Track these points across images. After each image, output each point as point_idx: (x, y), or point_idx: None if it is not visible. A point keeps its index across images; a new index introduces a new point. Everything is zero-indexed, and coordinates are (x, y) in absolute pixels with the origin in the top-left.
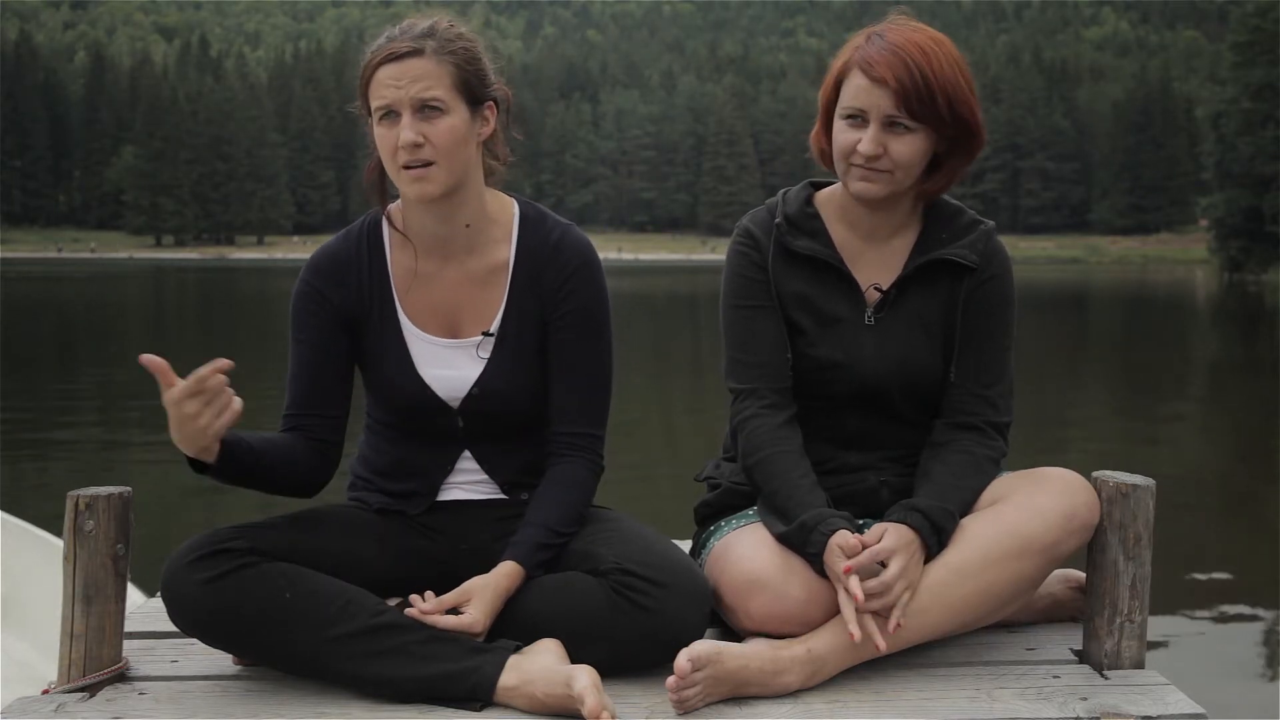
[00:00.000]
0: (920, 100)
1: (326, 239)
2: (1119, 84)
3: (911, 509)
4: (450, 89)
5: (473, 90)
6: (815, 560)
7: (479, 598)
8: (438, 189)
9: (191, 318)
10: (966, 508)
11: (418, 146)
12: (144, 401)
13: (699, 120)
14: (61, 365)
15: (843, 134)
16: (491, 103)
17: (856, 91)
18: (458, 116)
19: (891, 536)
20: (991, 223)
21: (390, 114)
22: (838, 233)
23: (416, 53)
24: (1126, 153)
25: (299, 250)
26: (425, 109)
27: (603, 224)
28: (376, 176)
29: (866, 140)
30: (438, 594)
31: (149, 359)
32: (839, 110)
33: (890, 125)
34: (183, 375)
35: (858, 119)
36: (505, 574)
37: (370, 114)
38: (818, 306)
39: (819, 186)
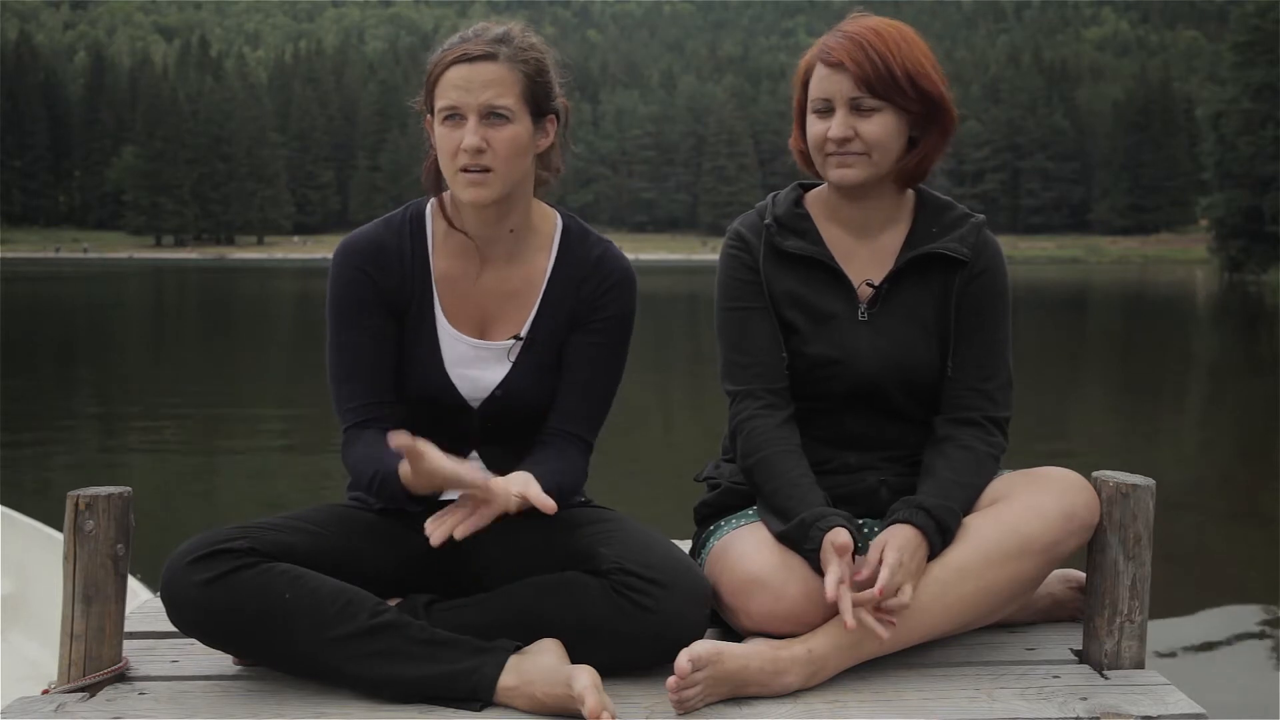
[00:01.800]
0: (879, 78)
1: (327, 239)
2: (1119, 84)
3: (917, 507)
4: (518, 98)
5: (538, 102)
6: (814, 557)
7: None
8: (492, 195)
9: (191, 317)
10: (969, 505)
11: (479, 152)
12: (145, 401)
13: (699, 120)
14: (62, 365)
15: (814, 126)
16: (553, 115)
17: (820, 82)
18: (521, 126)
19: (893, 548)
20: (982, 216)
21: (455, 115)
22: (828, 231)
23: (490, 57)
24: (1126, 153)
25: (299, 250)
26: (491, 115)
27: (603, 224)
28: (434, 171)
29: (835, 124)
30: (436, 594)
31: (404, 444)
32: (809, 106)
33: (856, 108)
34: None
35: (825, 109)
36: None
37: (433, 112)
38: (811, 304)
39: (808, 188)
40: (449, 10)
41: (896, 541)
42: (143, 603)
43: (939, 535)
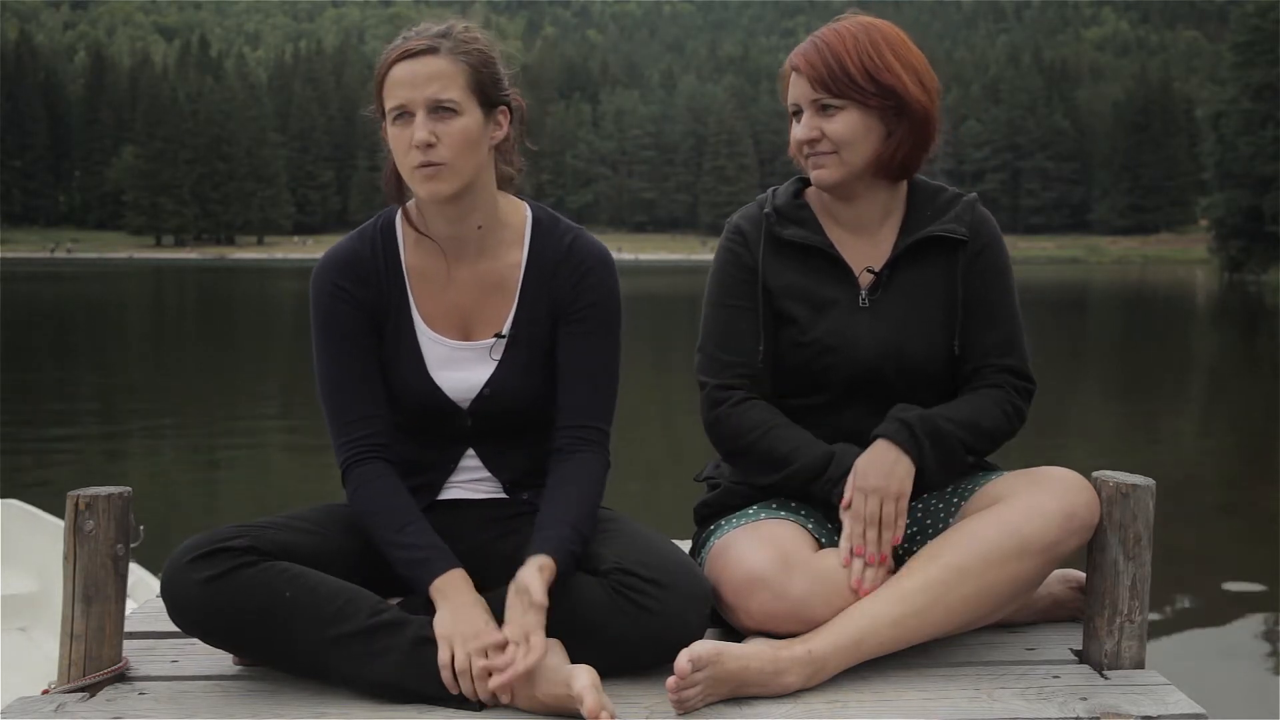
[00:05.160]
0: (834, 77)
1: (327, 239)
2: (1119, 84)
3: (893, 419)
4: (464, 90)
5: (486, 92)
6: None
7: (524, 621)
8: (449, 188)
9: (191, 317)
10: (961, 430)
11: (430, 146)
12: (145, 401)
13: (699, 120)
14: (62, 365)
15: (791, 130)
16: (505, 108)
17: (790, 87)
18: (470, 118)
19: (853, 475)
20: (974, 194)
21: (404, 114)
22: (827, 225)
23: (431, 51)
24: (1126, 153)
25: (299, 250)
26: (439, 109)
27: (603, 224)
28: (394, 178)
29: (801, 126)
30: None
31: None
32: (790, 111)
33: (821, 109)
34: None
35: (796, 112)
36: (541, 572)
37: (385, 115)
38: (811, 293)
39: (809, 183)
40: (449, 10)
41: (861, 464)
42: (143, 603)
43: (909, 438)
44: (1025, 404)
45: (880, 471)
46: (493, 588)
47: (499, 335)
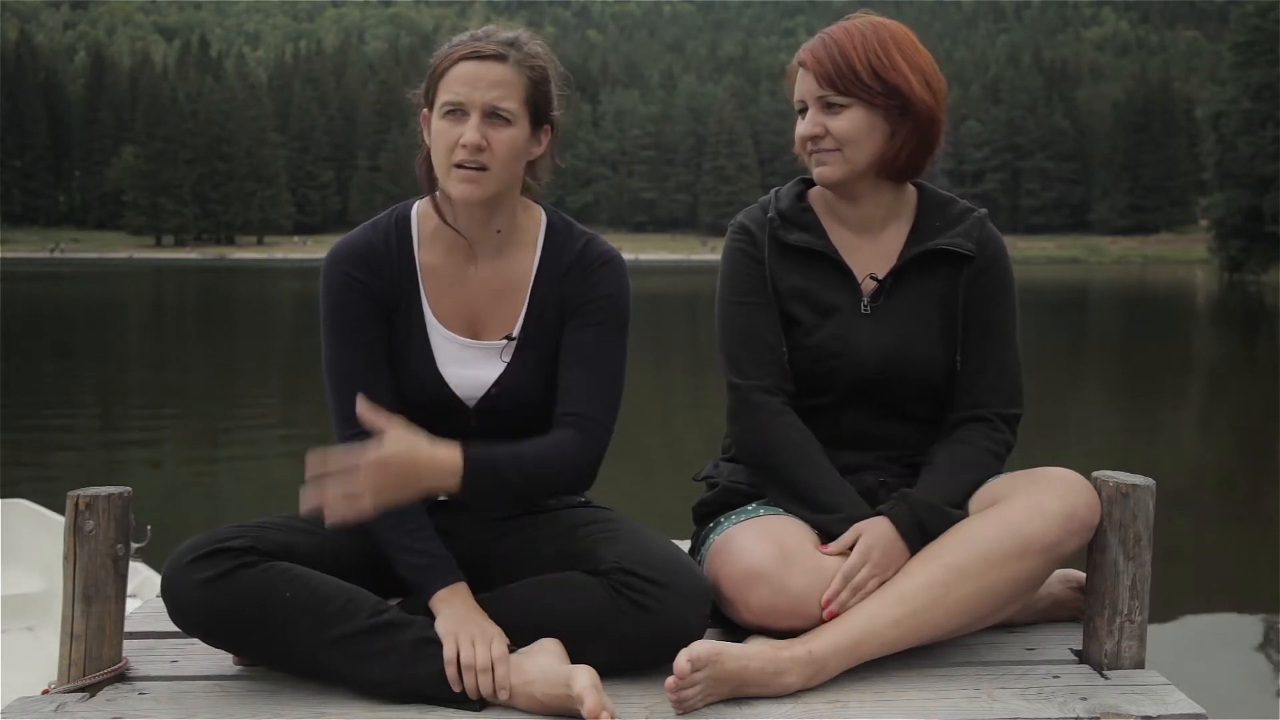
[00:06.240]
0: (840, 74)
1: (327, 239)
2: (1119, 84)
3: (902, 500)
4: (521, 103)
5: (538, 110)
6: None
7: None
8: (484, 194)
9: (191, 317)
10: (960, 498)
11: (479, 149)
12: (145, 401)
13: (699, 120)
14: (62, 365)
15: (796, 127)
16: (549, 126)
17: (796, 85)
18: (520, 130)
19: (862, 544)
20: (984, 210)
21: (458, 111)
22: (831, 227)
23: (499, 58)
24: (1126, 153)
25: (299, 250)
26: (494, 115)
27: (603, 224)
28: (426, 167)
29: (805, 123)
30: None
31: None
32: (796, 108)
33: (826, 106)
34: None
35: (802, 108)
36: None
37: (431, 106)
38: (815, 298)
39: (811, 184)
40: (449, 10)
41: (869, 539)
42: (143, 603)
43: (918, 534)
44: (1012, 432)
45: (884, 554)
46: (492, 587)
47: (509, 338)
